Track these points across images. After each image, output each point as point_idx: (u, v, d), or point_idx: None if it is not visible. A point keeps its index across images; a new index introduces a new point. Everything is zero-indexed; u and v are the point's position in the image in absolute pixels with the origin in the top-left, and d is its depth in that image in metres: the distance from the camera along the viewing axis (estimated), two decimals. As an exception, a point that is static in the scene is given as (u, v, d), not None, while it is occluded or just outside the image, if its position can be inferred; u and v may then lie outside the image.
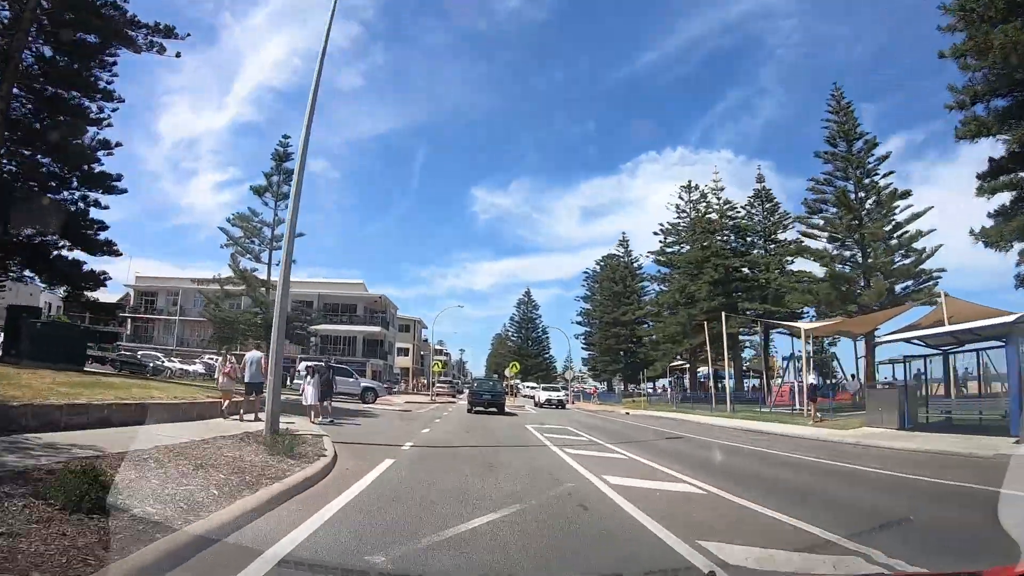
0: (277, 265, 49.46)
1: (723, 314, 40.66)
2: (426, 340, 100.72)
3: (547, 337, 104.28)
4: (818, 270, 44.52)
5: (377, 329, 61.81)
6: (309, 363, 33.91)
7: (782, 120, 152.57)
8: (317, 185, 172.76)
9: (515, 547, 5.51)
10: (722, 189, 59.82)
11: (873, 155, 43.51)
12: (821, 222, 44.16)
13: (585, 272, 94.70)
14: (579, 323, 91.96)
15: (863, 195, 42.85)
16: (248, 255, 48.51)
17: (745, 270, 55.25)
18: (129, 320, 69.57)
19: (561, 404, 46.36)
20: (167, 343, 65.77)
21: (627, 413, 40.57)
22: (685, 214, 66.25)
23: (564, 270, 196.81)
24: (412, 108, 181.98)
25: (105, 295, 78.01)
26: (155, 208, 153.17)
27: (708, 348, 44.92)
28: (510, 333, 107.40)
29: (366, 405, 30.03)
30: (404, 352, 78.81)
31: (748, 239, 57.72)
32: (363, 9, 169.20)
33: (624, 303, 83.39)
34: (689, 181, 67.09)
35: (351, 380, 33.32)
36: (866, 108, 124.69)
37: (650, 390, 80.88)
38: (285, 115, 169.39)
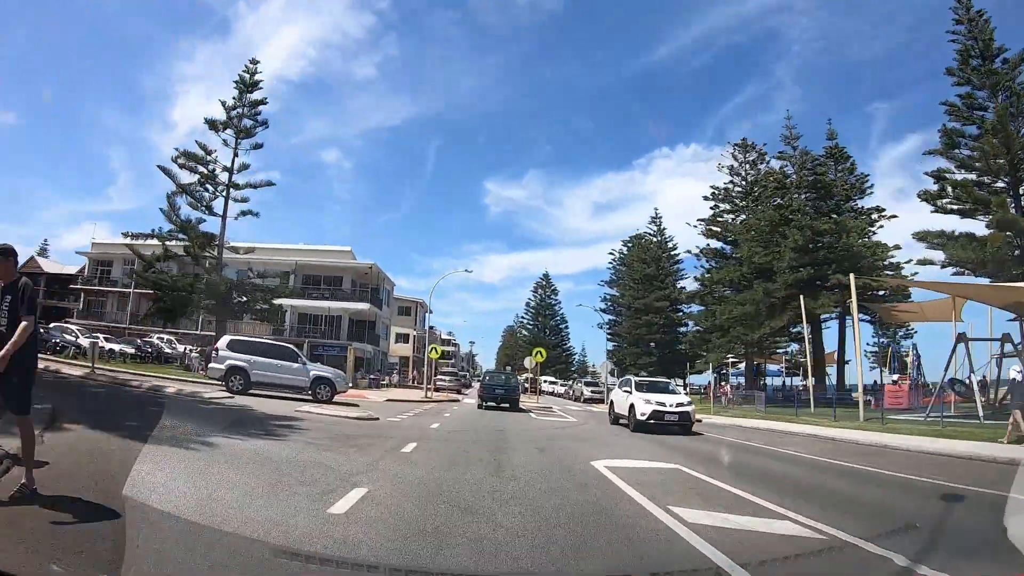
0: (238, 219, 38.60)
1: (795, 292, 28.91)
2: (431, 328, 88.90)
3: (566, 327, 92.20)
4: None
5: (365, 307, 48.73)
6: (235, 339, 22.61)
7: (798, 117, 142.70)
8: (328, 175, 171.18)
9: None
10: (797, 138, 47.15)
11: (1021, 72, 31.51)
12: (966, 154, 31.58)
13: (611, 253, 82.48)
14: (603, 311, 79.85)
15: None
16: (201, 206, 37.12)
17: (827, 238, 42.59)
18: (83, 294, 58.86)
19: (686, 421, 19.75)
20: (120, 320, 54.32)
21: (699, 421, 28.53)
22: (740, 177, 54.34)
23: (576, 264, 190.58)
24: (425, 99, 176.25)
25: (60, 267, 67.44)
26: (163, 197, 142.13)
27: (794, 328, 32.66)
28: (524, 321, 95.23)
29: (315, 408, 18.01)
30: (404, 339, 66.91)
31: (832, 200, 45.01)
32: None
33: (657, 287, 71.46)
34: (744, 139, 55.39)
35: (294, 366, 21.43)
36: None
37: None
38: (298, 105, 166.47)
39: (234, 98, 38.26)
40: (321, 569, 4.34)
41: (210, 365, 21.97)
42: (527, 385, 45.08)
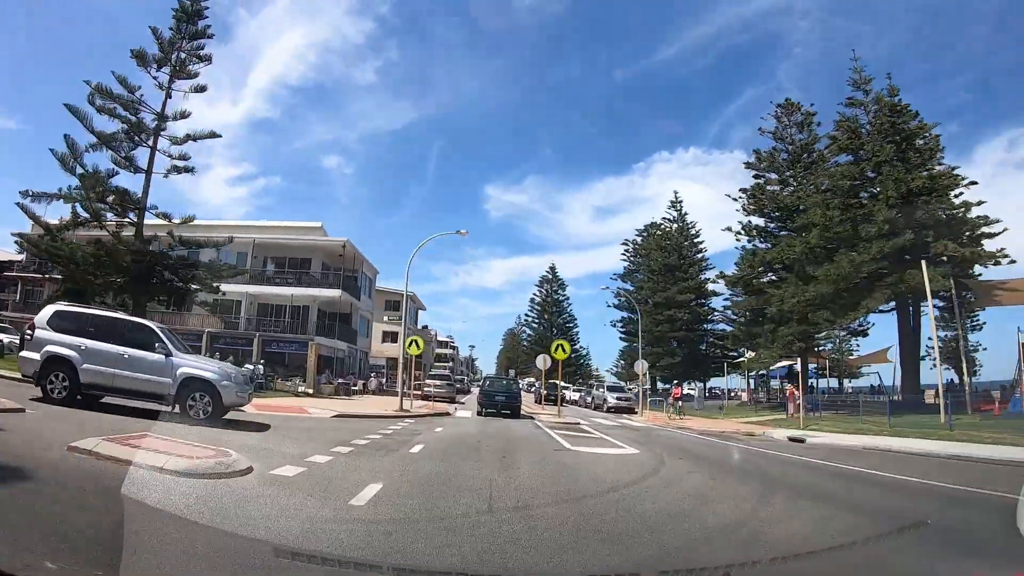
0: (167, 177, 29.68)
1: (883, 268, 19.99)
2: (425, 327, 79.57)
3: (575, 325, 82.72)
4: None
5: (336, 294, 38.25)
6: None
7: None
8: (330, 179, 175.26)
9: None
10: (868, 81, 37.93)
11: None
12: None
13: (624, 244, 73.22)
14: (615, 306, 70.74)
15: None
16: (122, 158, 28.35)
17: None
18: (19, 283, 50.90)
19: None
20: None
21: (797, 440, 19.54)
22: (784, 142, 45.33)
23: (577, 269, 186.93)
24: (426, 104, 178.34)
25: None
26: (167, 202, 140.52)
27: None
28: (529, 320, 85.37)
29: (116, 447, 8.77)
30: (391, 338, 57.55)
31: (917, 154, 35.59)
32: (379, 4, 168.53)
33: (680, 277, 62.34)
34: (788, 99, 46.47)
35: (149, 359, 12.05)
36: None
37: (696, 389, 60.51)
38: (300, 111, 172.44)
39: (171, 28, 29.26)
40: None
41: (22, 354, 12.71)
42: (544, 392, 36.12)
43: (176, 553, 4.07)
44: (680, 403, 32.17)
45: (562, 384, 63.71)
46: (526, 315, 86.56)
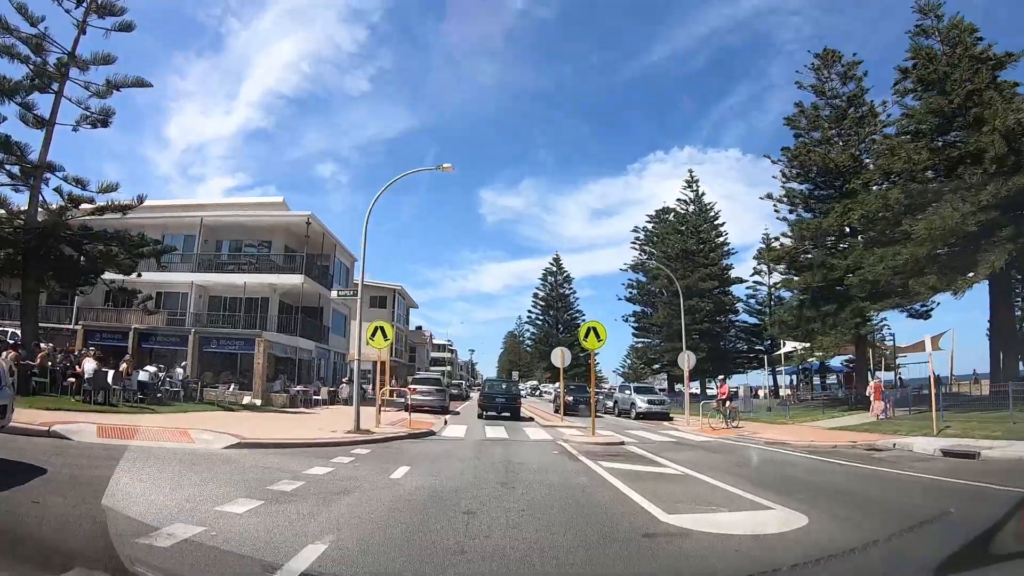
0: (76, 130, 23.33)
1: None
2: (419, 328, 72.06)
3: (584, 321, 74.85)
4: None
5: (298, 280, 29.72)
6: None
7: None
8: (326, 188, 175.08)
9: None
10: (939, 5, 30.57)
11: None
12: None
13: (634, 230, 65.80)
14: (627, 299, 63.50)
15: None
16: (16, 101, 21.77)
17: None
18: None
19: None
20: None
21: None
22: (826, 98, 38.17)
23: (574, 271, 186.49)
24: (419, 111, 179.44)
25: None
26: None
27: None
28: (534, 316, 77.39)
29: None
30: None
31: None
32: (369, 13, 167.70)
33: (701, 263, 55.08)
34: (825, 48, 39.22)
35: None
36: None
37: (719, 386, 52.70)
38: (294, 121, 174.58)
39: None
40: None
41: None
42: (569, 399, 28.92)
43: None
44: (728, 404, 24.52)
45: (553, 386, 56.76)
46: (529, 311, 78.90)
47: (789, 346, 41.56)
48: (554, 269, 75.56)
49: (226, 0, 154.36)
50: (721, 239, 58.06)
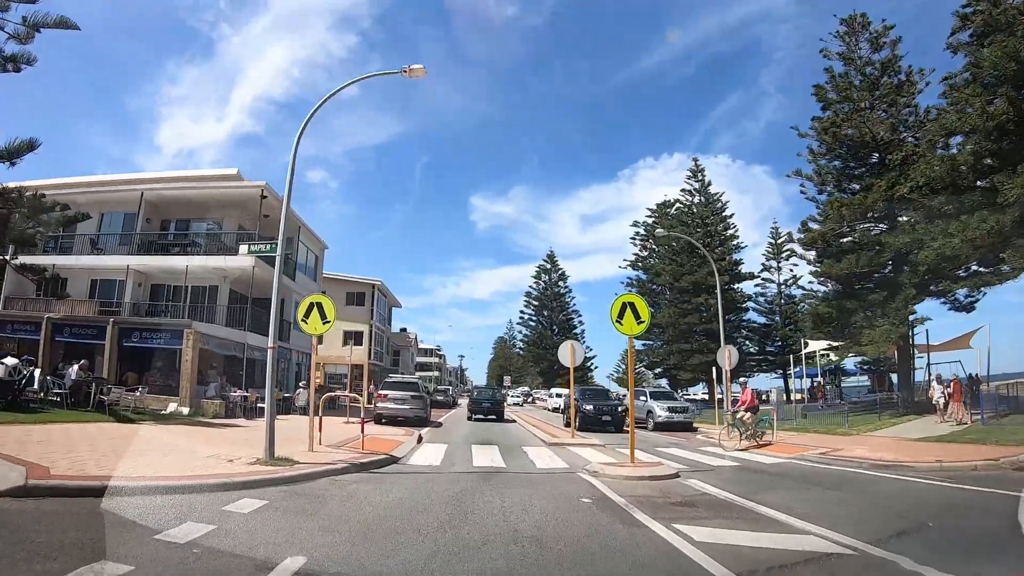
0: None
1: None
2: (404, 329, 66.58)
3: (580, 321, 69.54)
4: None
5: (246, 263, 23.80)
6: None
7: (780, 125, 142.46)
8: (316, 195, 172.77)
9: None
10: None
11: None
12: None
13: (634, 225, 60.64)
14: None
15: None
16: None
17: None
18: None
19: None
20: None
21: None
22: (856, 65, 33.41)
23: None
24: (410, 117, 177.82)
25: None
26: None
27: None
28: (526, 317, 71.50)
29: None
30: (354, 338, 44.69)
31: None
32: (361, 19, 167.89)
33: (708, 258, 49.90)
34: (853, 12, 34.35)
35: None
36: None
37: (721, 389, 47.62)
38: (285, 126, 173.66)
39: None
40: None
41: None
42: (589, 408, 22.82)
43: None
44: (748, 416, 17.71)
45: (556, 392, 51.26)
46: (521, 312, 73.22)
47: (815, 345, 36.54)
48: (548, 267, 70.08)
49: (218, 5, 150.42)
50: (729, 232, 53.07)
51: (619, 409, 22.94)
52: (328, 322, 11.06)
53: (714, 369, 25.76)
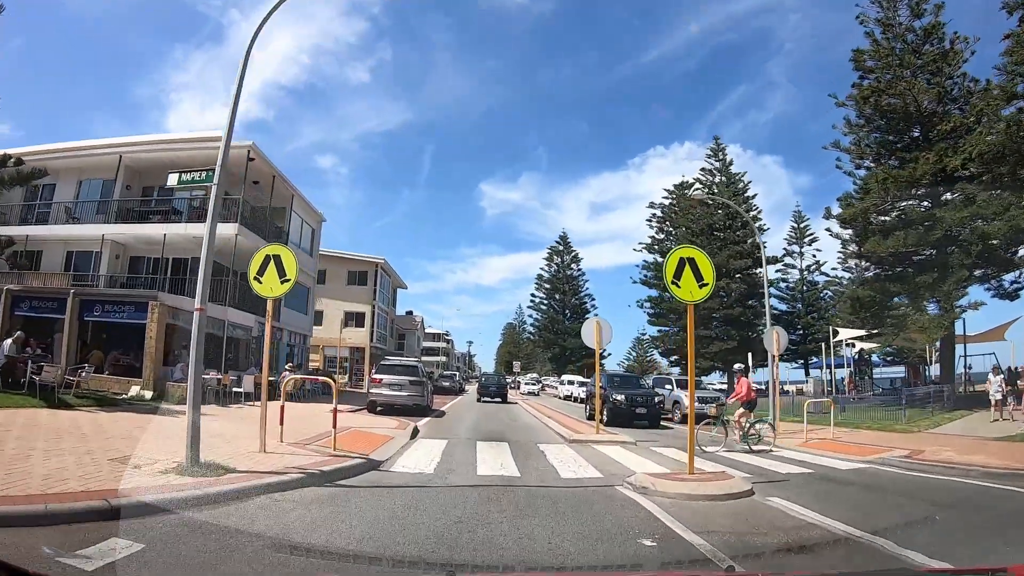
0: None
1: None
2: (410, 312, 64.09)
3: (593, 305, 66.52)
4: None
5: (229, 230, 21.02)
6: None
7: (790, 115, 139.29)
8: (326, 180, 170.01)
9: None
10: None
11: None
12: None
13: (650, 205, 57.67)
14: (642, 282, 55.72)
15: None
16: None
17: None
18: None
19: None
20: None
21: None
22: (893, 33, 30.50)
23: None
24: (419, 104, 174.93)
25: None
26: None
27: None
28: (537, 301, 68.40)
29: None
30: (355, 319, 42.21)
31: None
32: (370, 5, 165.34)
33: (731, 240, 47.27)
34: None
35: None
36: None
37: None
38: (293, 111, 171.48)
39: None
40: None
41: None
42: (619, 399, 18.96)
43: None
44: (747, 411, 13.38)
45: (568, 379, 48.64)
46: (532, 295, 70.04)
47: (846, 333, 33.67)
48: (561, 248, 66.97)
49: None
50: (752, 213, 50.04)
51: (655, 400, 20.04)
52: (288, 280, 8.45)
53: (750, 355, 22.95)
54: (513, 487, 7.09)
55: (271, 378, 20.97)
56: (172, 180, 8.39)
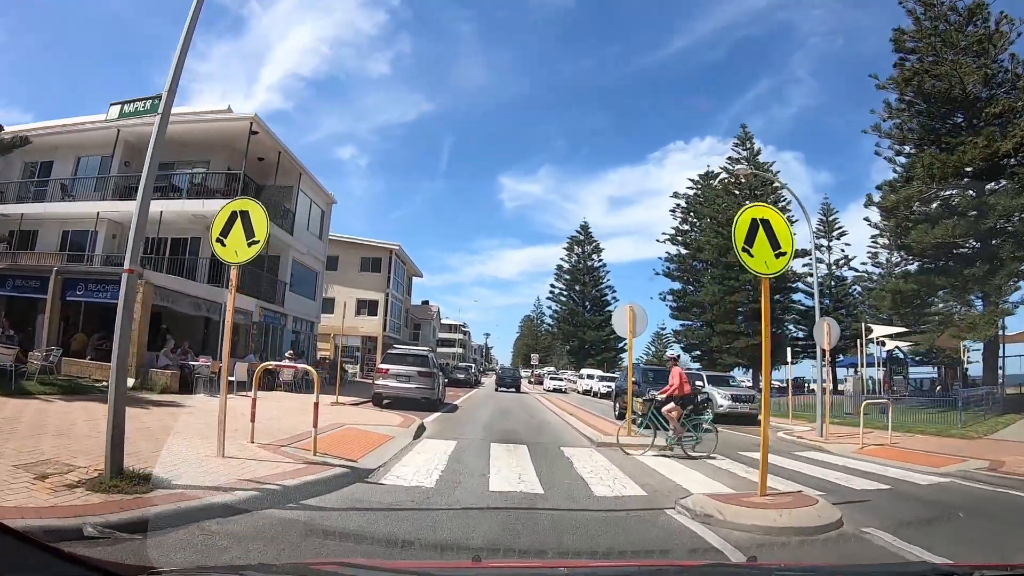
0: None
1: None
2: (426, 302, 62.57)
3: (614, 297, 64.38)
4: None
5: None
6: None
7: (812, 111, 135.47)
8: (345, 171, 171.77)
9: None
10: None
11: None
12: None
13: (674, 196, 55.60)
14: (665, 273, 53.77)
15: None
16: None
17: None
18: None
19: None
20: None
21: None
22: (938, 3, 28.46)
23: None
24: (439, 96, 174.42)
25: None
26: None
27: None
28: (557, 292, 66.33)
29: None
30: (368, 307, 40.76)
31: None
32: None
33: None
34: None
35: None
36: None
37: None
38: (313, 103, 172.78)
39: None
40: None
41: None
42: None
43: None
44: (679, 408, 10.57)
45: (588, 373, 46.94)
46: (552, 286, 67.94)
47: (881, 330, 31.55)
48: (581, 238, 64.92)
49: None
50: (781, 204, 47.85)
51: (701, 400, 18.14)
52: (256, 242, 6.83)
53: (789, 352, 21.14)
54: (535, 511, 5.46)
55: (244, 365, 19.56)
56: (113, 112, 6.87)
